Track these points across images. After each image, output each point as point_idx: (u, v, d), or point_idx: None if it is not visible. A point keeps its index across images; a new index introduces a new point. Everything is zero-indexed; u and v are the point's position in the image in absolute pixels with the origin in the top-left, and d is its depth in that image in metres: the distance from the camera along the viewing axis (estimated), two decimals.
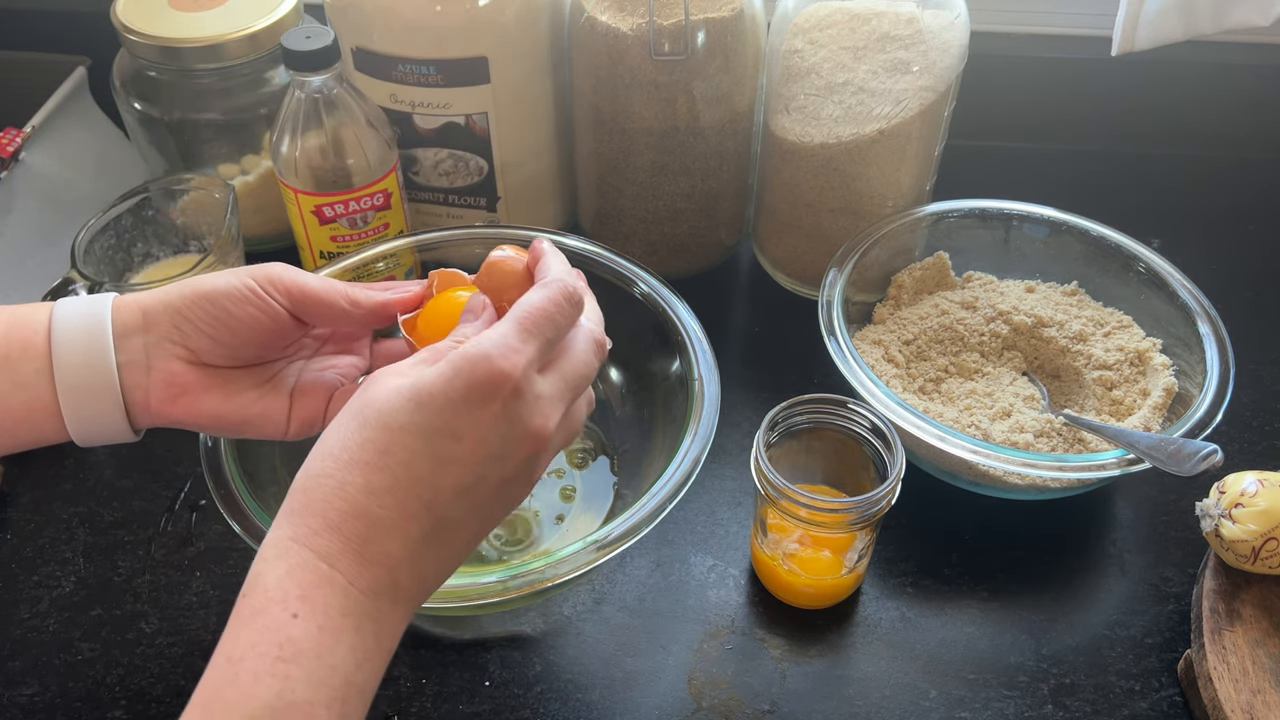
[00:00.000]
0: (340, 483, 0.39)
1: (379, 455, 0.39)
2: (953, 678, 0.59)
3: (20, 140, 0.78)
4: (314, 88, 0.68)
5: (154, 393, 0.47)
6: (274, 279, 0.48)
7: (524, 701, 0.58)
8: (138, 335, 0.47)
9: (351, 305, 0.50)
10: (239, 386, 0.49)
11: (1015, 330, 0.73)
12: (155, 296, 0.48)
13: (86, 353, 0.46)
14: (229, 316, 0.47)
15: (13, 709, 0.58)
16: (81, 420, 0.47)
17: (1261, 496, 0.57)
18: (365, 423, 0.40)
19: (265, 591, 0.38)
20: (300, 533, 0.38)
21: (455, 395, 0.40)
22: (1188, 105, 0.93)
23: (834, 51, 0.70)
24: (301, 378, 0.52)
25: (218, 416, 0.49)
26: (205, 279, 0.48)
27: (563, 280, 0.44)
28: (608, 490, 0.67)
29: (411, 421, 0.39)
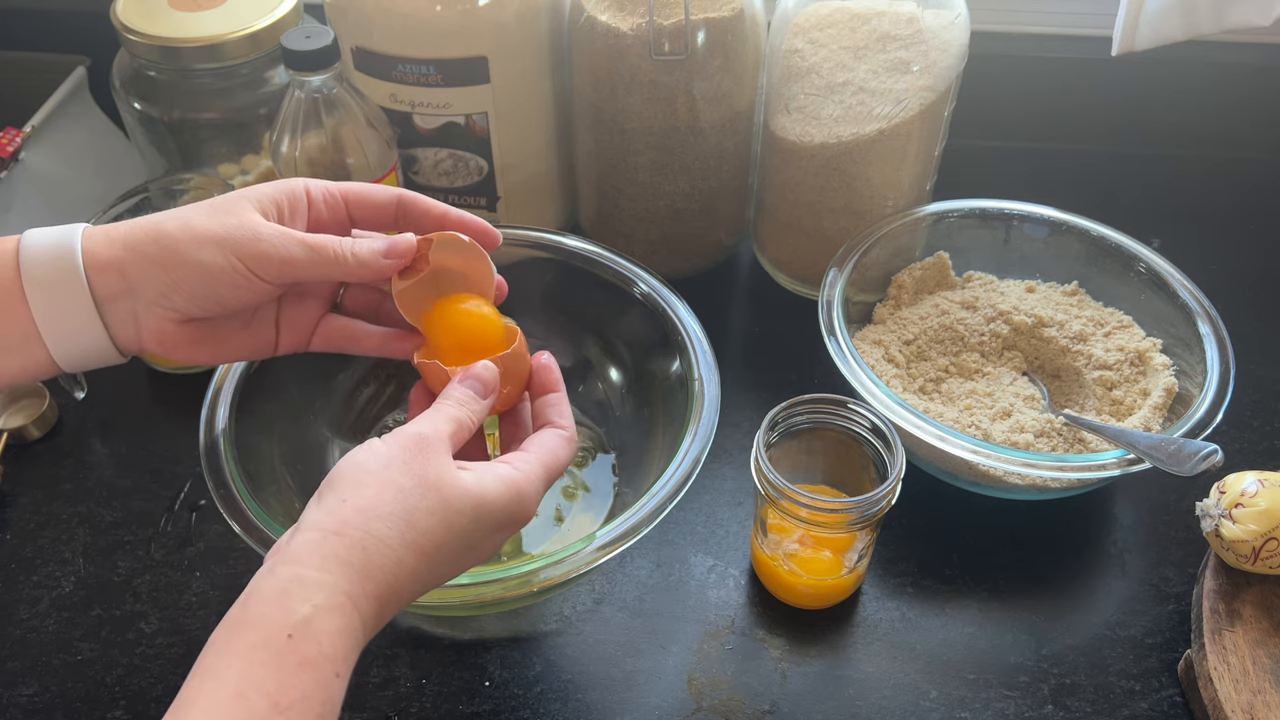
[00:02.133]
0: (399, 560, 0.41)
1: (434, 549, 0.42)
2: (953, 678, 0.59)
3: (20, 140, 0.78)
4: (314, 87, 0.68)
5: (147, 344, 0.48)
6: (261, 261, 0.47)
7: (524, 701, 0.58)
8: (123, 299, 0.46)
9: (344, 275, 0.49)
10: (229, 331, 0.50)
11: (1015, 330, 0.72)
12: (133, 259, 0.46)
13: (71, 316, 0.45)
14: (218, 294, 0.47)
15: (13, 709, 0.58)
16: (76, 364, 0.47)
17: (1262, 496, 0.57)
18: (432, 510, 0.42)
19: (319, 644, 0.38)
20: (355, 593, 0.39)
21: (499, 520, 0.44)
22: (1188, 105, 0.93)
23: (834, 51, 0.70)
24: (284, 308, 0.52)
25: (212, 359, 0.50)
26: (187, 250, 0.46)
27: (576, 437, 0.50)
28: (608, 490, 0.67)
29: (465, 530, 0.43)
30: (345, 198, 0.51)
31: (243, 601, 0.39)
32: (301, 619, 0.38)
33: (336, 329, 0.53)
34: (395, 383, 0.72)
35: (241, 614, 0.38)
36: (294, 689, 0.36)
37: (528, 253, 0.70)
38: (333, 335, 0.53)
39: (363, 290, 0.55)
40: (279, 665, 0.37)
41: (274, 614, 0.38)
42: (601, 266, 0.68)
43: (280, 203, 0.49)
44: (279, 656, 0.37)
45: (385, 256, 0.49)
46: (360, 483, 0.42)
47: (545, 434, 0.49)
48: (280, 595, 0.38)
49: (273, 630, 0.37)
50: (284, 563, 0.39)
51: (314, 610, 0.38)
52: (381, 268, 0.49)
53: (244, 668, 0.36)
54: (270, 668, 0.37)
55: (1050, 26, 0.93)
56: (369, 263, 0.49)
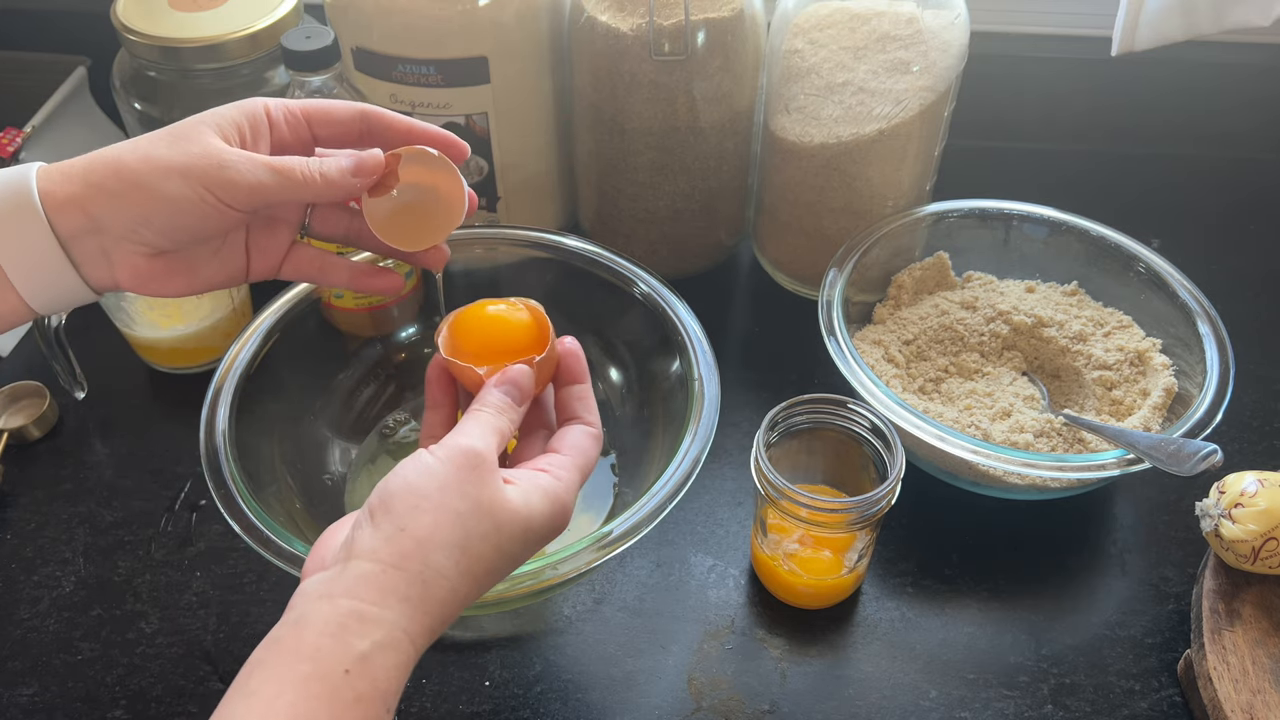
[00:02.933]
0: (454, 590, 0.41)
1: (485, 574, 0.42)
2: (953, 678, 0.59)
3: (20, 140, 0.78)
4: (314, 88, 0.68)
5: (121, 278, 0.47)
6: (230, 186, 0.45)
7: (524, 701, 0.58)
8: (89, 236, 0.45)
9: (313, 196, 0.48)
10: (200, 261, 0.49)
11: (1015, 330, 0.73)
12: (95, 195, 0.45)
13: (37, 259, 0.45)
14: (188, 224, 0.46)
15: (13, 709, 0.58)
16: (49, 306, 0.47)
17: (1261, 496, 0.57)
18: (485, 535, 0.42)
19: (374, 681, 0.37)
20: (413, 630, 0.39)
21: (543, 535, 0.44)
22: (1188, 105, 0.93)
23: (834, 51, 0.70)
24: (252, 232, 0.51)
25: (186, 289, 0.49)
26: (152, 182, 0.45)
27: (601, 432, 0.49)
28: (608, 490, 0.67)
29: (513, 552, 0.43)
30: (307, 116, 0.50)
31: (295, 626, 0.38)
32: (359, 655, 0.37)
33: (307, 258, 0.53)
34: (395, 383, 0.72)
35: (296, 642, 0.38)
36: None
37: (528, 253, 0.70)
38: (302, 265, 0.53)
39: (332, 211, 0.53)
40: (333, 700, 0.36)
41: (331, 647, 0.37)
42: (601, 266, 0.68)
43: (241, 125, 0.48)
44: (334, 691, 0.37)
45: (354, 174, 0.48)
46: (416, 508, 0.41)
47: (576, 433, 0.48)
48: (339, 630, 0.38)
49: (330, 664, 0.37)
50: (342, 594, 0.39)
51: (372, 647, 0.38)
52: (350, 185, 0.48)
53: (296, 699, 0.36)
54: (324, 701, 0.36)
55: (1050, 26, 0.93)
56: (337, 181, 0.48)
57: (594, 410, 0.49)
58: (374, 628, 0.38)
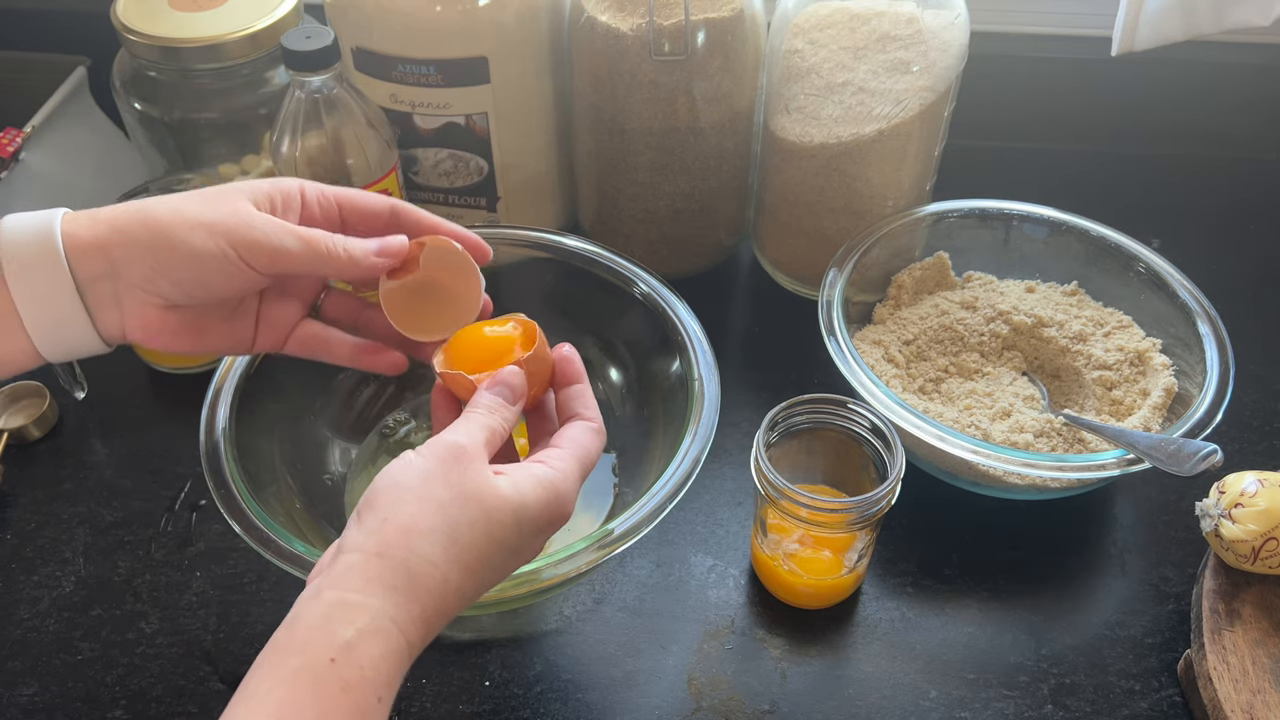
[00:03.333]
0: (444, 579, 0.40)
1: (479, 564, 0.42)
2: (953, 678, 0.59)
3: (20, 140, 0.78)
4: (314, 88, 0.68)
5: (129, 329, 0.47)
6: (253, 250, 0.46)
7: (524, 701, 0.58)
8: (106, 280, 0.46)
9: (335, 271, 0.49)
10: (209, 322, 0.50)
11: (1015, 330, 0.73)
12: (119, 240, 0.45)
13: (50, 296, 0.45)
14: (205, 280, 0.46)
15: (13, 709, 0.58)
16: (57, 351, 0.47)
17: (1261, 496, 0.57)
18: (474, 522, 0.42)
19: (361, 669, 0.37)
20: (400, 618, 0.39)
21: (540, 524, 0.44)
22: (1188, 105, 0.93)
23: (834, 51, 0.70)
24: (264, 307, 0.52)
25: (191, 350, 0.49)
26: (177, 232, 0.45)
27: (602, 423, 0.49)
28: (608, 490, 0.67)
29: (508, 539, 0.43)
30: (339, 201, 0.51)
31: (288, 625, 0.38)
32: (344, 644, 0.37)
33: (312, 334, 0.53)
34: (395, 383, 0.72)
35: (287, 638, 0.38)
36: (335, 715, 0.36)
37: (528, 253, 0.70)
38: (308, 340, 0.53)
39: (344, 298, 0.54)
40: (319, 691, 0.36)
41: (318, 638, 0.37)
42: (601, 266, 0.68)
43: (274, 197, 0.48)
44: (320, 682, 0.37)
45: (377, 255, 0.49)
46: (399, 500, 0.41)
47: (574, 427, 0.48)
48: (324, 620, 0.38)
49: (315, 655, 0.37)
50: (328, 587, 0.39)
51: (357, 634, 0.38)
52: (372, 265, 0.49)
53: (285, 693, 0.36)
54: (310, 692, 0.36)
55: (1050, 26, 0.93)
56: (360, 260, 0.49)
57: (592, 407, 0.50)
58: (358, 615, 0.38)
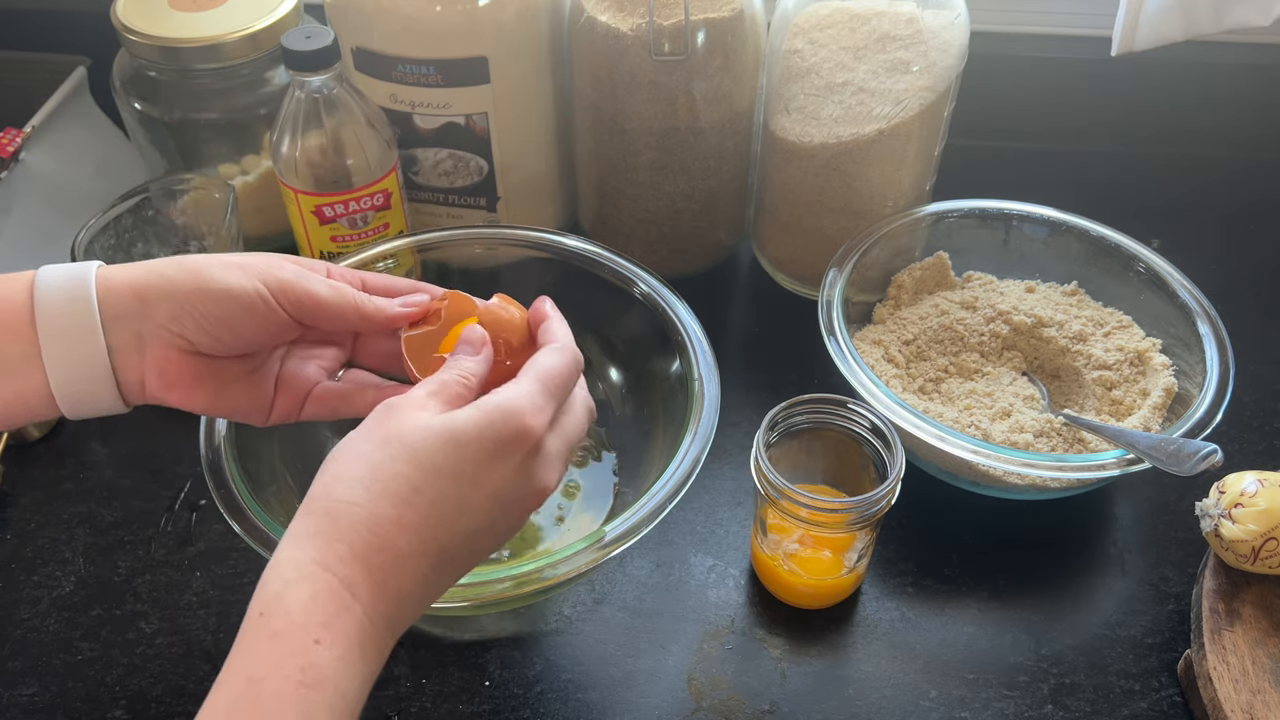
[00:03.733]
0: (371, 514, 0.40)
1: (412, 492, 0.41)
2: (953, 678, 0.59)
3: (20, 140, 0.78)
4: (314, 88, 0.68)
5: (148, 377, 0.47)
6: (285, 289, 0.47)
7: (524, 701, 0.58)
8: (132, 320, 0.46)
9: (362, 321, 0.50)
10: (229, 377, 0.49)
11: (1015, 330, 0.73)
12: (152, 282, 0.46)
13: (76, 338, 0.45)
14: (233, 319, 0.47)
15: (13, 709, 0.58)
16: (76, 404, 0.46)
17: (1261, 496, 0.57)
18: (396, 456, 0.41)
19: (288, 614, 0.38)
20: (326, 558, 0.39)
21: (487, 444, 0.42)
22: (1188, 105, 0.93)
23: (834, 51, 0.70)
24: (285, 368, 0.52)
25: (208, 407, 0.49)
26: (212, 273, 0.46)
27: (574, 346, 0.48)
28: (608, 490, 0.67)
29: (446, 464, 0.41)
30: (365, 282, 0.52)
31: None
32: (272, 595, 0.38)
33: (330, 391, 0.53)
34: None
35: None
36: (266, 660, 0.37)
37: (528, 253, 0.70)
38: (327, 398, 0.53)
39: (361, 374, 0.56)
40: (252, 642, 0.38)
41: (253, 603, 0.39)
42: (601, 266, 0.68)
43: (300, 264, 0.50)
44: (253, 635, 0.38)
45: (400, 305, 0.51)
46: (325, 467, 0.42)
47: (535, 355, 0.48)
48: (260, 586, 0.39)
49: (250, 615, 0.38)
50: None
51: (283, 585, 0.38)
52: (396, 314, 0.51)
53: (229, 657, 0.38)
54: (245, 647, 0.38)
55: (1050, 26, 0.93)
56: (385, 307, 0.50)
57: (560, 334, 0.49)
58: (285, 568, 0.39)
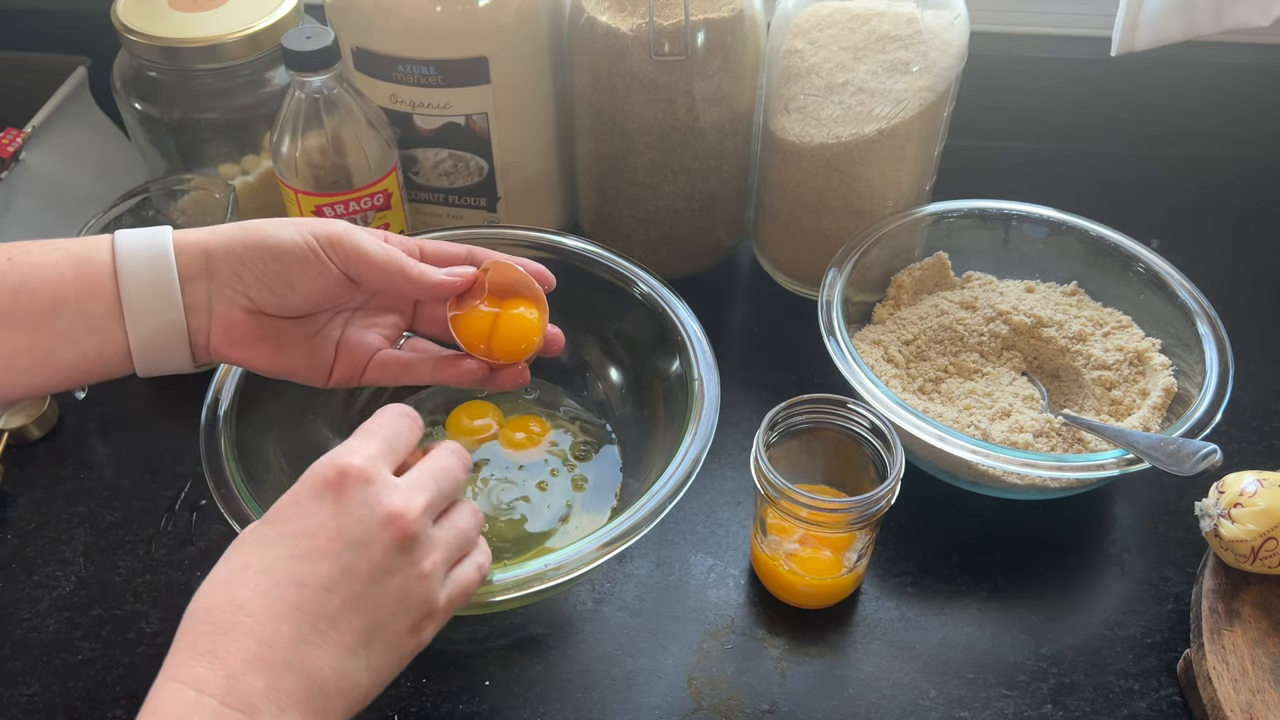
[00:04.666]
0: (206, 608, 0.40)
1: (239, 571, 0.41)
2: (953, 678, 0.59)
3: (20, 140, 0.78)
4: (314, 88, 0.68)
5: (214, 336, 0.49)
6: (335, 242, 0.50)
7: (524, 701, 0.58)
8: (201, 279, 0.48)
9: (406, 282, 0.52)
10: (291, 339, 0.52)
11: (1015, 330, 0.73)
12: (217, 239, 0.49)
13: (156, 297, 0.47)
14: (289, 273, 0.49)
15: (13, 709, 0.58)
16: (150, 360, 0.49)
17: (1261, 496, 0.57)
18: (227, 555, 0.42)
19: None
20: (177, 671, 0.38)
21: (303, 496, 0.42)
22: (1188, 105, 0.93)
23: (834, 51, 0.70)
24: (346, 333, 0.54)
25: (269, 366, 0.52)
26: (268, 230, 0.49)
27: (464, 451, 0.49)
28: (609, 489, 0.67)
29: (261, 534, 0.42)
30: (421, 247, 0.54)
31: None
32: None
33: (392, 358, 0.55)
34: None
35: None
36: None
37: (528, 253, 0.70)
38: (388, 365, 0.55)
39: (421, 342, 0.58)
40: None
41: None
42: (601, 266, 0.68)
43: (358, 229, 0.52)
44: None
45: (448, 275, 0.53)
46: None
47: None
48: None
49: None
50: None
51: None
52: (442, 281, 0.52)
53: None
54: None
55: (1050, 26, 0.93)
56: (430, 274, 0.52)
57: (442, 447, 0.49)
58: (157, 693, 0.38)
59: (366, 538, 0.42)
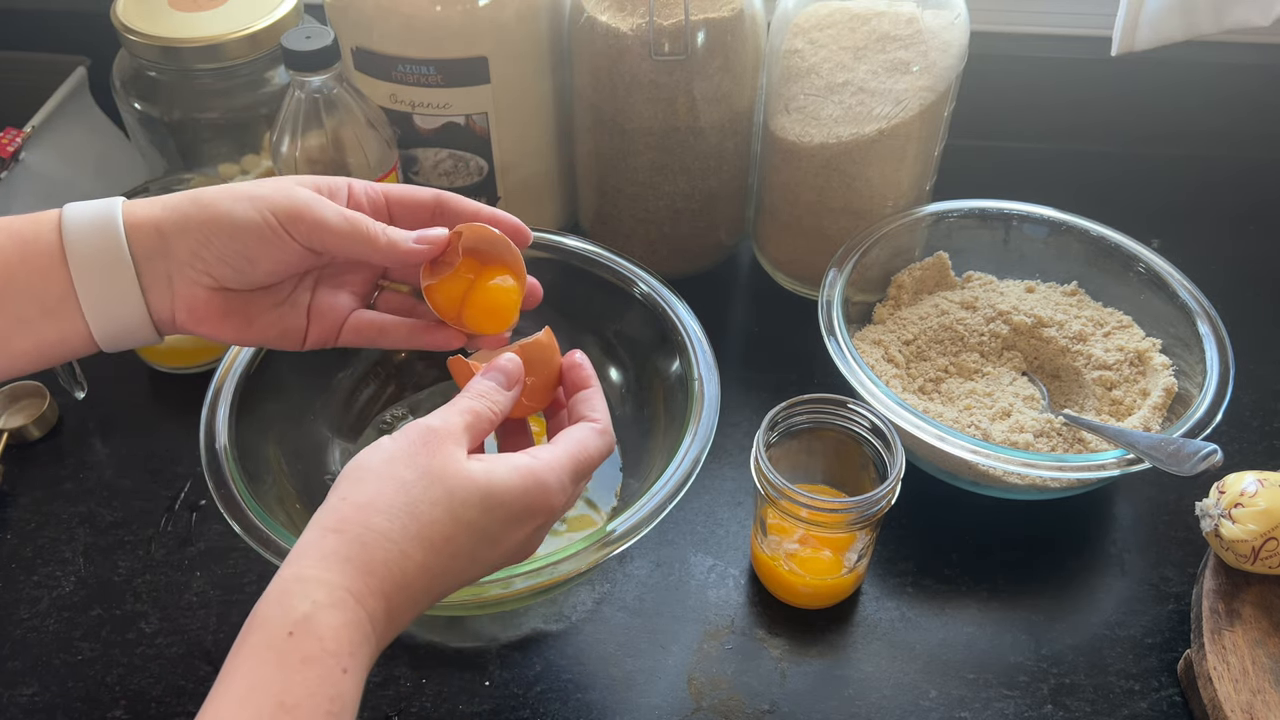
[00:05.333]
0: (403, 553, 0.40)
1: (443, 541, 0.41)
2: (953, 678, 0.59)
3: (20, 140, 0.78)
4: (314, 88, 0.68)
5: (178, 314, 0.48)
6: (295, 217, 0.47)
7: (524, 701, 0.58)
8: (158, 259, 0.47)
9: (374, 252, 0.49)
10: (259, 309, 0.50)
11: (1015, 330, 0.73)
12: (171, 216, 0.47)
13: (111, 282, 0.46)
14: (248, 249, 0.47)
15: (13, 709, 0.58)
16: (114, 341, 0.48)
17: (1261, 496, 0.57)
18: (436, 500, 0.41)
19: (321, 641, 0.37)
20: (357, 589, 0.39)
21: (515, 510, 0.43)
22: (1188, 105, 0.93)
23: (834, 51, 0.70)
24: (317, 297, 0.53)
25: (238, 338, 0.50)
26: (223, 206, 0.47)
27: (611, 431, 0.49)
28: (608, 489, 0.67)
29: (477, 521, 0.42)
30: (388, 197, 0.52)
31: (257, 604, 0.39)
32: (301, 616, 0.38)
33: (366, 321, 0.54)
34: (395, 383, 0.72)
35: (251, 617, 0.38)
36: (299, 686, 0.36)
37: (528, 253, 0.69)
38: (363, 328, 0.54)
39: (396, 296, 0.56)
40: (281, 663, 0.37)
41: (275, 613, 0.38)
42: (601, 266, 0.68)
43: (321, 186, 0.50)
44: (281, 655, 0.37)
45: (416, 241, 0.50)
46: (360, 479, 0.41)
47: (575, 427, 0.48)
48: (281, 595, 0.38)
49: (274, 629, 0.37)
50: (287, 564, 0.39)
51: (313, 606, 0.38)
52: (411, 250, 0.50)
53: (249, 668, 0.37)
54: (273, 666, 0.37)
55: (1050, 26, 0.93)
56: (399, 243, 0.49)
57: (598, 410, 0.50)
58: (314, 588, 0.38)
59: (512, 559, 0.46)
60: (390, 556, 0.40)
